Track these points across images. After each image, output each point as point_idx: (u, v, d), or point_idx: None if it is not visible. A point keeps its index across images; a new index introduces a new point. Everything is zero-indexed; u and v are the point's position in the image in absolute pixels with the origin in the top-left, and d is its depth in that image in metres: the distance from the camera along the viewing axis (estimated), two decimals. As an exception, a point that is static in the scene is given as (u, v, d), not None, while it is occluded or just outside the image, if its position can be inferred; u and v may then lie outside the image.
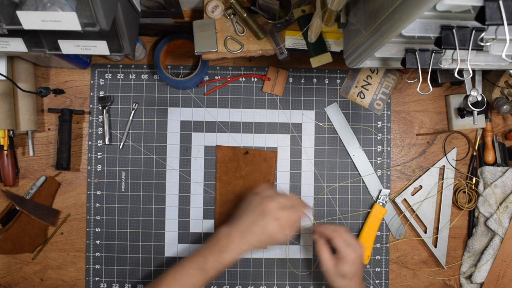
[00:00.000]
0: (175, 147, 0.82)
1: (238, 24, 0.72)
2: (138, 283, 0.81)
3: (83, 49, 0.59)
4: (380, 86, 0.84)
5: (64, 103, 0.82)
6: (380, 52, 0.55)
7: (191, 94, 0.83)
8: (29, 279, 0.81)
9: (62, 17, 0.47)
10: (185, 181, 0.82)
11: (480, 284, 0.83)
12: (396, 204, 0.83)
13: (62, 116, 0.80)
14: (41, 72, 0.82)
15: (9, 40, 0.58)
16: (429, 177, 0.84)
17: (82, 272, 0.82)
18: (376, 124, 0.84)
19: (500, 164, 0.83)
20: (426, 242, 0.83)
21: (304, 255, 0.83)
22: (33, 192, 0.80)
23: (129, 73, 0.83)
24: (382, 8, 0.47)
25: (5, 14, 0.49)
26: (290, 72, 0.84)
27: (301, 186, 0.83)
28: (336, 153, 0.84)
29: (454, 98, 0.84)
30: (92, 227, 0.81)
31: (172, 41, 0.80)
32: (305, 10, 0.71)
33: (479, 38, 0.47)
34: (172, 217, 0.82)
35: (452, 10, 0.44)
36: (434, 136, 0.85)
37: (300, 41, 0.72)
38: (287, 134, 0.83)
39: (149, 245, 0.82)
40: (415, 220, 0.84)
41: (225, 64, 0.84)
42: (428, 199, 0.84)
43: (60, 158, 0.79)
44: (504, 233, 0.80)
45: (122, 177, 0.82)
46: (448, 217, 0.84)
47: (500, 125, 0.86)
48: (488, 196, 0.81)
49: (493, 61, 0.60)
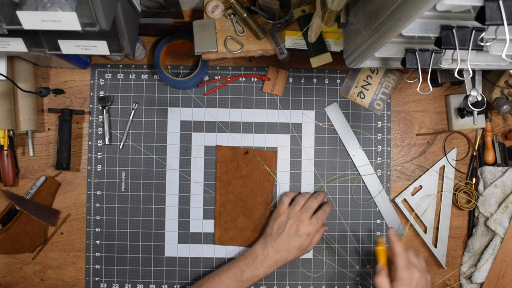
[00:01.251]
0: (175, 147, 0.82)
1: (238, 24, 0.72)
2: (138, 283, 0.81)
3: (83, 49, 0.59)
4: (380, 86, 0.84)
5: (64, 103, 0.82)
6: (380, 52, 0.55)
7: (191, 94, 0.83)
8: (29, 279, 0.81)
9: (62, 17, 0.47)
10: (185, 181, 0.82)
11: (480, 284, 0.83)
12: (396, 204, 0.83)
13: (62, 116, 0.80)
14: (41, 72, 0.82)
15: (9, 40, 0.58)
16: (429, 177, 0.84)
17: (82, 272, 0.82)
18: (376, 124, 0.84)
19: (500, 164, 0.83)
20: (426, 242, 0.83)
21: (304, 255, 0.82)
22: (33, 192, 0.80)
23: (129, 73, 0.83)
24: (382, 8, 0.47)
25: (5, 14, 0.49)
26: (290, 72, 0.84)
27: (301, 186, 0.83)
28: (336, 153, 0.84)
29: (454, 98, 0.84)
30: (92, 227, 0.81)
31: (172, 41, 0.80)
32: (305, 10, 0.71)
33: (479, 38, 0.47)
34: (172, 217, 0.82)
35: (452, 10, 0.44)
36: (434, 136, 0.85)
37: (300, 41, 0.72)
38: (287, 134, 0.83)
39: (149, 245, 0.82)
40: (415, 220, 0.84)
41: (225, 64, 0.84)
42: (428, 199, 0.84)
43: (60, 158, 0.79)
44: (504, 233, 0.80)
45: (122, 177, 0.82)
46: (448, 217, 0.84)
47: (500, 125, 0.86)
48: (488, 196, 0.81)
49: (493, 61, 0.60)
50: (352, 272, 0.83)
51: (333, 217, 0.83)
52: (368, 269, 0.83)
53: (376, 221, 0.84)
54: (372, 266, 0.83)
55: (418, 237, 0.84)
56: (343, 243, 0.83)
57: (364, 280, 0.83)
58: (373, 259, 0.83)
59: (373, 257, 0.83)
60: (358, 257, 0.83)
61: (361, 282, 0.83)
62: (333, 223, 0.83)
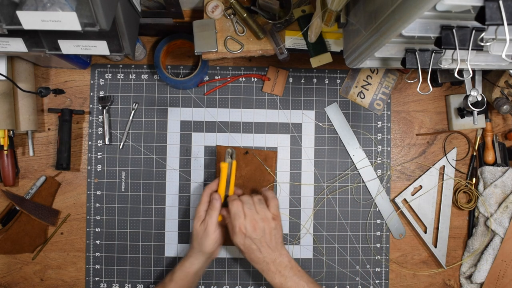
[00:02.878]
0: (175, 147, 0.82)
1: (238, 24, 0.72)
2: (138, 283, 0.81)
3: (83, 49, 0.59)
4: (380, 86, 0.84)
5: (64, 103, 0.82)
6: (380, 52, 0.55)
7: (191, 94, 0.83)
8: (29, 279, 0.81)
9: (62, 17, 0.47)
10: (185, 181, 0.82)
11: (480, 284, 0.83)
12: (396, 204, 0.83)
13: (62, 116, 0.80)
14: (41, 72, 0.82)
15: (9, 40, 0.58)
16: (429, 177, 0.84)
17: (82, 272, 0.82)
18: (376, 124, 0.84)
19: (500, 164, 0.83)
20: (426, 242, 0.83)
21: (304, 255, 0.82)
22: (33, 192, 0.80)
23: (129, 73, 0.83)
24: (382, 8, 0.47)
25: (5, 14, 0.49)
26: (290, 72, 0.84)
27: (301, 186, 0.83)
28: (336, 153, 0.84)
29: (454, 98, 0.84)
30: (92, 227, 0.81)
31: (172, 41, 0.80)
32: (305, 10, 0.71)
33: (479, 38, 0.47)
34: (172, 217, 0.82)
35: (452, 10, 0.44)
36: (434, 136, 0.85)
37: (300, 41, 0.72)
38: (287, 134, 0.83)
39: (149, 245, 0.82)
40: (415, 220, 0.84)
41: (225, 64, 0.84)
42: (428, 199, 0.84)
43: (60, 158, 0.79)
44: (504, 233, 0.80)
45: (122, 177, 0.82)
46: (448, 217, 0.84)
47: (500, 125, 0.86)
48: (488, 196, 0.81)
49: (493, 61, 0.60)
50: (352, 272, 0.83)
51: (333, 217, 0.83)
52: (368, 269, 0.83)
53: (376, 221, 0.84)
54: (372, 266, 0.83)
55: (418, 237, 0.84)
56: (343, 243, 0.83)
57: (364, 280, 0.83)
58: (373, 259, 0.83)
59: (373, 257, 0.83)
60: (358, 257, 0.83)
61: (361, 282, 0.83)
62: (333, 223, 0.83)
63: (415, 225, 0.83)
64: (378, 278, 0.83)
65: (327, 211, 0.83)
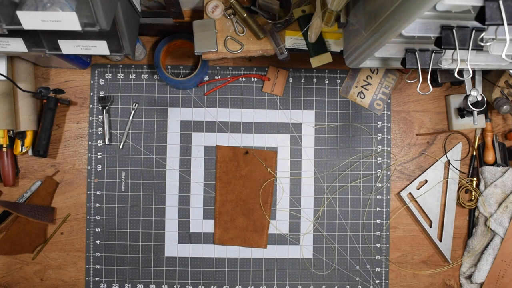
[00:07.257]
0: (175, 147, 0.82)
1: (238, 24, 0.72)
2: (138, 283, 0.81)
3: (83, 49, 0.59)
4: (380, 86, 0.84)
5: (64, 103, 0.82)
6: (380, 52, 0.55)
7: (191, 94, 0.83)
8: (29, 279, 0.81)
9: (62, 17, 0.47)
10: (185, 181, 0.82)
11: (480, 284, 0.83)
12: (402, 198, 0.83)
13: (47, 104, 0.78)
14: (41, 72, 0.82)
15: (9, 40, 0.58)
16: (434, 171, 0.84)
17: (82, 272, 0.82)
18: (376, 124, 0.84)
19: (500, 164, 0.83)
20: (431, 236, 0.83)
21: (304, 255, 0.82)
22: (27, 196, 0.80)
23: (129, 73, 0.83)
24: (382, 8, 0.47)
25: (5, 14, 0.49)
26: (290, 72, 0.84)
27: (301, 186, 0.83)
28: (336, 153, 0.84)
29: (454, 98, 0.84)
30: (92, 227, 0.81)
31: (172, 41, 0.80)
32: (305, 10, 0.71)
33: (479, 38, 0.47)
34: (172, 217, 0.82)
35: (452, 10, 0.44)
36: (434, 136, 0.85)
37: (300, 41, 0.72)
38: (287, 134, 0.83)
39: (149, 245, 0.82)
40: (420, 214, 0.84)
41: (225, 64, 0.84)
42: (434, 193, 0.84)
43: (38, 145, 0.77)
44: (504, 233, 0.80)
45: (122, 177, 0.82)
46: (453, 211, 0.84)
47: (500, 125, 0.86)
48: (488, 196, 0.81)
49: (493, 61, 0.60)
50: (352, 272, 0.83)
51: (333, 217, 0.83)
52: (368, 269, 0.83)
53: (376, 221, 0.84)
54: (372, 266, 0.83)
55: (424, 231, 0.84)
56: (343, 243, 0.83)
57: (364, 280, 0.83)
58: (373, 259, 0.83)
59: (373, 257, 0.83)
60: (358, 257, 0.83)
61: (361, 282, 0.83)
62: (333, 223, 0.83)
63: (420, 218, 0.83)
64: (378, 278, 0.83)
65: (327, 211, 0.83)
